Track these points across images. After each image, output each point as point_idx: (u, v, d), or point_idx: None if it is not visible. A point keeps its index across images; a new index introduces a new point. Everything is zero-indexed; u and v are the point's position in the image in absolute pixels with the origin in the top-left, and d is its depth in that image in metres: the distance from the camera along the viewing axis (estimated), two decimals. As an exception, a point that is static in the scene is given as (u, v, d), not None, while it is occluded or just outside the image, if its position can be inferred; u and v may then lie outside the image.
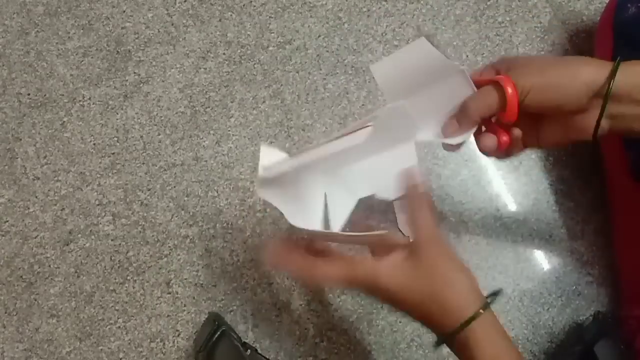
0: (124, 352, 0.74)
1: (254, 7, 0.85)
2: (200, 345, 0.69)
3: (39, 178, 0.80)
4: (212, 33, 0.84)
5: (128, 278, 0.76)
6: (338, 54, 0.83)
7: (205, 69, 0.83)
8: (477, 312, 0.40)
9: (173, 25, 0.85)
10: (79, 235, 0.78)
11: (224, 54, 0.83)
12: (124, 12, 0.86)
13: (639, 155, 0.64)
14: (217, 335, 0.67)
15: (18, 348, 0.74)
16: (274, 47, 0.83)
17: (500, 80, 0.46)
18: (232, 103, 0.82)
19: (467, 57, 0.82)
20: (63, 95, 0.83)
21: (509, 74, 0.47)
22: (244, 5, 0.85)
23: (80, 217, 0.78)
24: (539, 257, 0.75)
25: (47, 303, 0.75)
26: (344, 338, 0.73)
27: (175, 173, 0.79)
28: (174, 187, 0.79)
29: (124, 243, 0.77)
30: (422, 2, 0.84)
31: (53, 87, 0.83)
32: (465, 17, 0.83)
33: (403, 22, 0.84)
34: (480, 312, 0.40)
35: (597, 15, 0.76)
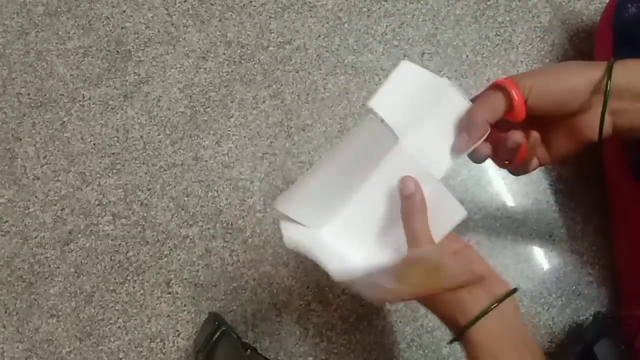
0: (124, 352, 0.74)
1: (254, 7, 0.85)
2: (200, 345, 0.69)
3: (39, 178, 0.80)
4: (212, 33, 0.84)
5: (128, 278, 0.76)
6: (338, 54, 0.83)
7: (205, 69, 0.83)
8: (487, 308, 0.40)
9: (173, 25, 0.85)
10: (79, 235, 0.78)
11: (224, 54, 0.83)
12: (124, 12, 0.86)
13: (639, 156, 0.64)
14: (217, 335, 0.67)
15: (18, 348, 0.74)
16: (274, 47, 0.83)
17: (502, 82, 0.46)
18: (232, 103, 0.82)
19: (467, 57, 0.82)
20: (63, 95, 0.83)
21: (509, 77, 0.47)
22: (244, 5, 0.85)
23: (80, 217, 0.78)
24: (539, 257, 0.75)
25: (47, 303, 0.76)
26: (344, 338, 0.73)
27: (175, 173, 0.79)
28: (174, 187, 0.79)
29: (124, 243, 0.77)
30: (422, 2, 0.84)
31: (53, 87, 0.83)
32: (465, 17, 0.83)
33: (403, 22, 0.84)
34: (491, 307, 0.40)
35: (597, 15, 0.76)
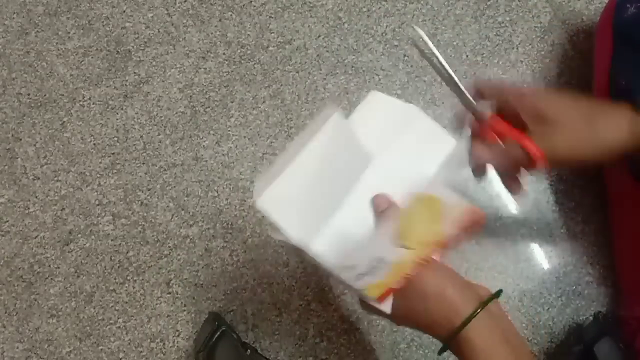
0: (124, 352, 0.74)
1: (254, 7, 0.85)
2: (200, 345, 0.69)
3: (39, 178, 0.80)
4: (212, 33, 0.84)
5: (128, 278, 0.76)
6: (338, 54, 0.83)
7: (205, 69, 0.83)
8: (474, 311, 0.40)
9: (173, 25, 0.85)
10: (79, 235, 0.78)
11: (224, 54, 0.84)
12: (124, 12, 0.86)
13: (639, 156, 0.64)
14: (217, 335, 0.67)
15: (18, 348, 0.74)
16: (274, 47, 0.83)
17: (525, 146, 0.44)
18: (232, 103, 0.82)
19: (467, 57, 0.82)
20: (63, 95, 0.83)
21: (528, 133, 0.45)
22: (244, 5, 0.85)
23: (80, 217, 0.78)
24: (539, 257, 0.75)
25: (47, 303, 0.76)
26: (344, 338, 0.73)
27: (175, 173, 0.79)
28: (174, 187, 0.79)
29: (124, 243, 0.77)
30: (422, 2, 0.84)
31: (53, 87, 0.83)
32: (465, 17, 0.83)
33: (403, 22, 0.84)
34: (478, 311, 0.40)
35: (597, 15, 0.76)
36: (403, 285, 0.41)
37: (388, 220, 0.42)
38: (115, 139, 0.81)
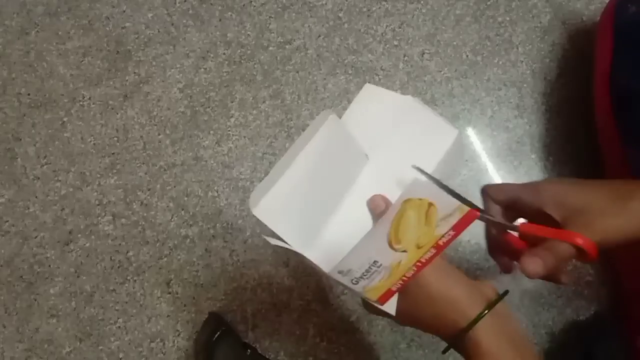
0: (124, 352, 0.74)
1: (254, 7, 0.85)
2: (200, 345, 0.69)
3: (39, 178, 0.80)
4: (212, 33, 0.84)
5: (128, 278, 0.76)
6: (338, 54, 0.83)
7: (205, 69, 0.83)
8: (481, 313, 0.40)
9: (173, 25, 0.85)
10: (79, 235, 0.78)
11: (224, 54, 0.84)
12: (124, 12, 0.86)
13: (639, 155, 0.64)
14: (217, 335, 0.67)
15: (18, 348, 0.74)
16: (274, 47, 0.83)
17: (574, 241, 0.42)
18: (232, 103, 0.82)
19: (467, 57, 0.82)
20: (63, 95, 0.83)
21: (571, 228, 0.43)
22: (244, 5, 0.85)
23: (80, 217, 0.78)
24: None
25: (47, 303, 0.75)
26: (344, 338, 0.73)
27: (175, 173, 0.79)
28: (174, 187, 0.79)
29: (124, 243, 0.77)
30: (422, 2, 0.84)
31: (53, 87, 0.83)
32: (465, 17, 0.83)
33: (403, 22, 0.84)
34: (485, 313, 0.40)
35: (597, 15, 0.76)
36: (404, 287, 0.41)
37: (383, 223, 0.42)
38: (115, 139, 0.81)
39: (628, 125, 0.65)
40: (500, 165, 0.78)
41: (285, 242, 0.42)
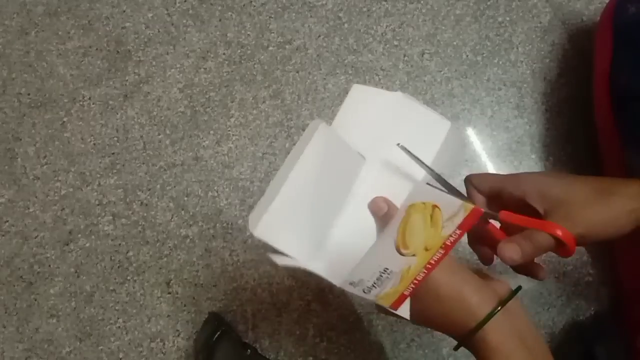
0: (124, 352, 0.74)
1: (254, 7, 0.85)
2: (200, 345, 0.69)
3: (39, 178, 0.80)
4: (212, 33, 0.84)
5: (128, 278, 0.76)
6: (338, 54, 0.83)
7: (205, 69, 0.83)
8: (492, 312, 0.40)
9: (173, 25, 0.85)
10: (79, 235, 0.78)
11: (224, 54, 0.84)
12: (124, 12, 0.86)
13: (638, 155, 0.64)
14: (217, 335, 0.67)
15: (18, 348, 0.74)
16: (274, 47, 0.83)
17: (553, 232, 0.42)
18: (232, 103, 0.82)
19: (467, 56, 0.82)
20: (63, 95, 0.83)
21: (553, 219, 0.43)
22: (244, 5, 0.85)
23: (80, 217, 0.78)
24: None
25: (47, 303, 0.75)
26: (344, 338, 0.73)
27: (175, 173, 0.79)
28: (174, 187, 0.79)
29: (124, 243, 0.77)
30: (422, 2, 0.84)
31: (53, 87, 0.83)
32: (465, 16, 0.83)
33: (403, 22, 0.84)
34: (497, 310, 0.40)
35: (597, 15, 0.76)
36: (416, 290, 0.41)
37: (390, 230, 0.41)
38: (115, 139, 0.81)
39: (627, 126, 0.65)
40: (501, 165, 0.78)
41: (291, 257, 0.42)
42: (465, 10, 0.84)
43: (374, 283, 0.41)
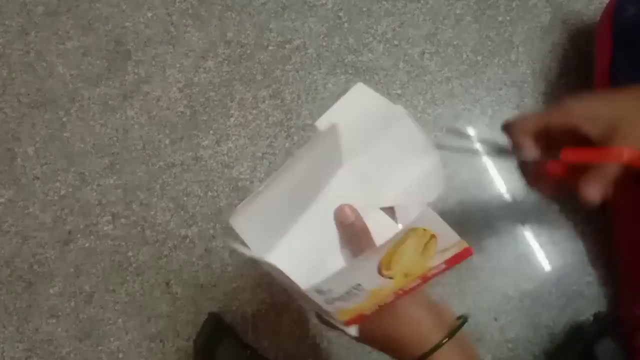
0: (124, 352, 0.74)
1: (254, 6, 0.85)
2: (200, 346, 0.69)
3: (39, 178, 0.80)
4: (211, 33, 0.84)
5: (128, 278, 0.76)
6: (338, 54, 0.83)
7: (205, 69, 0.83)
8: (437, 344, 0.40)
9: (173, 25, 0.85)
10: (79, 235, 0.78)
11: (224, 54, 0.83)
12: (124, 12, 0.86)
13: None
14: (217, 336, 0.67)
15: (18, 348, 0.74)
16: (274, 46, 0.83)
17: (621, 158, 0.41)
18: (231, 103, 0.81)
19: (467, 56, 0.82)
20: (63, 95, 0.83)
21: (611, 143, 0.42)
22: (244, 5, 0.85)
23: (80, 217, 0.78)
24: (540, 257, 0.75)
25: (47, 303, 0.76)
26: (344, 338, 0.72)
27: (175, 173, 0.79)
28: (174, 187, 0.79)
29: (124, 243, 0.77)
30: (422, 1, 0.84)
31: (53, 87, 0.83)
32: (466, 16, 0.83)
33: (403, 21, 0.83)
34: (445, 341, 0.40)
35: (597, 15, 0.76)
36: (374, 312, 0.41)
37: (378, 249, 0.40)
38: (115, 139, 0.81)
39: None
40: (501, 165, 0.78)
41: (247, 247, 0.41)
42: (466, 10, 0.84)
43: (341, 296, 0.40)
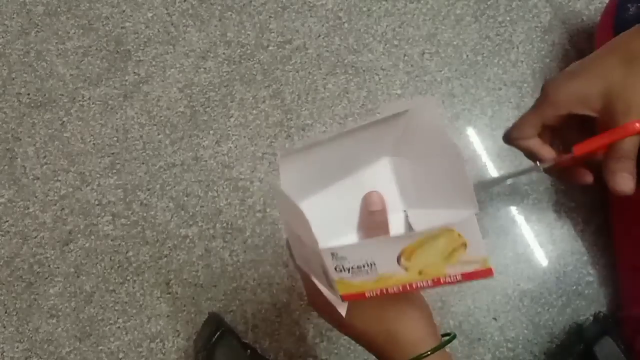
0: (124, 352, 0.74)
1: (254, 6, 0.85)
2: (200, 346, 0.69)
3: (39, 178, 0.80)
4: (211, 33, 0.84)
5: (128, 278, 0.76)
6: (338, 54, 0.83)
7: (205, 69, 0.83)
8: (425, 352, 0.40)
9: (173, 25, 0.85)
10: (79, 235, 0.77)
11: (224, 54, 0.83)
12: (124, 12, 0.86)
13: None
14: (217, 336, 0.67)
15: (18, 348, 0.74)
16: (274, 46, 0.83)
17: (633, 132, 0.41)
18: (232, 103, 0.81)
19: (467, 56, 0.82)
20: (63, 95, 0.83)
21: (612, 117, 0.42)
22: (244, 5, 0.85)
23: (80, 217, 0.78)
24: (540, 257, 0.75)
25: (47, 303, 0.76)
26: (344, 338, 0.73)
27: (175, 173, 0.79)
28: (174, 187, 0.79)
29: (124, 243, 0.77)
30: (422, 1, 0.84)
31: (53, 87, 0.83)
32: (466, 16, 0.83)
33: (403, 21, 0.83)
34: (428, 353, 0.39)
35: (597, 15, 0.76)
36: (372, 298, 0.40)
37: (407, 237, 0.40)
38: (115, 139, 0.81)
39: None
40: (501, 165, 0.78)
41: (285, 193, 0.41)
42: (466, 10, 0.84)
43: (351, 268, 0.40)
